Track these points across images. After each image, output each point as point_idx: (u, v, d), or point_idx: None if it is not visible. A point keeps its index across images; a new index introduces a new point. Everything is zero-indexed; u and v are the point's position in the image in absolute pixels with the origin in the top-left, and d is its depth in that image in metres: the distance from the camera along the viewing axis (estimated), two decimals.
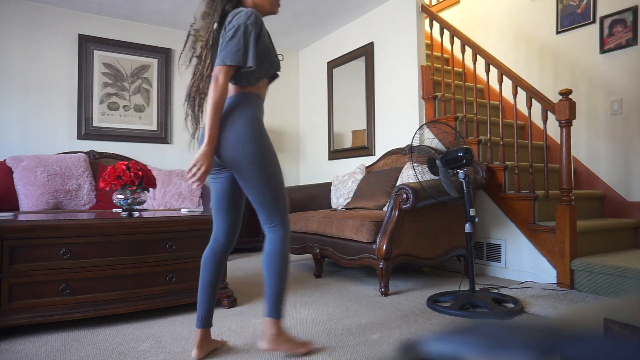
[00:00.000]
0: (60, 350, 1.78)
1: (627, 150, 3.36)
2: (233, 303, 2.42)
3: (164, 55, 4.70)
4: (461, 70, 3.65)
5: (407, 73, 3.94)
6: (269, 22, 4.63)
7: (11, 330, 1.95)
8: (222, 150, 1.62)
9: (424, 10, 3.87)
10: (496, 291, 2.65)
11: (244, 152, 1.59)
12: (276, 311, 1.67)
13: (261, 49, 1.63)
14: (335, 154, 4.90)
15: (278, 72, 1.78)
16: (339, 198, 3.91)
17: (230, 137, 1.60)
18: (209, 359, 1.70)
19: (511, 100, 3.76)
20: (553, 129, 3.66)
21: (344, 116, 4.80)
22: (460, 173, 2.38)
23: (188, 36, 1.75)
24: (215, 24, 1.64)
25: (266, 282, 1.69)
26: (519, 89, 3.12)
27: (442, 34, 3.93)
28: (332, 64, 4.96)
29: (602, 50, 3.50)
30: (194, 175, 1.57)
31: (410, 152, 2.58)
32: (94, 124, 4.34)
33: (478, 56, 3.39)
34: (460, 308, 2.29)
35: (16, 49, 4.03)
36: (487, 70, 3.28)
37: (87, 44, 4.32)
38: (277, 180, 1.66)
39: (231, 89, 1.67)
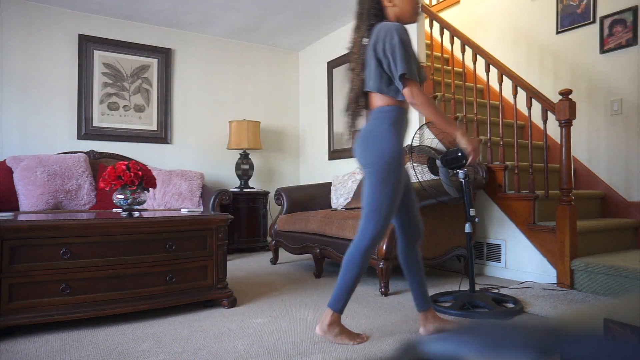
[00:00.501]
0: (60, 350, 1.78)
1: (627, 150, 3.36)
2: (233, 303, 2.42)
3: (164, 55, 4.70)
4: (461, 70, 3.65)
5: None
6: (269, 22, 4.64)
7: (11, 330, 1.94)
8: (356, 148, 1.83)
9: (424, 10, 3.87)
10: (496, 291, 2.65)
11: (369, 156, 1.77)
12: (337, 305, 1.82)
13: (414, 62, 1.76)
14: (335, 154, 4.90)
15: (425, 78, 1.90)
16: (339, 198, 3.91)
17: (363, 140, 1.80)
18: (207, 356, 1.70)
19: (511, 100, 3.75)
20: (553, 129, 3.66)
21: (344, 116, 4.80)
22: (460, 173, 2.38)
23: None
24: (364, 38, 1.81)
25: (339, 277, 1.84)
26: (519, 89, 3.12)
27: (442, 34, 3.93)
28: (332, 64, 4.96)
29: (602, 50, 3.50)
30: (475, 157, 1.77)
31: (410, 152, 2.58)
32: (94, 124, 4.34)
33: (478, 56, 3.39)
34: (460, 308, 2.29)
35: (16, 49, 4.03)
36: (487, 70, 3.28)
37: (87, 44, 4.32)
38: (385, 193, 1.76)
39: (379, 98, 1.80)
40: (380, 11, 1.82)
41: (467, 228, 2.36)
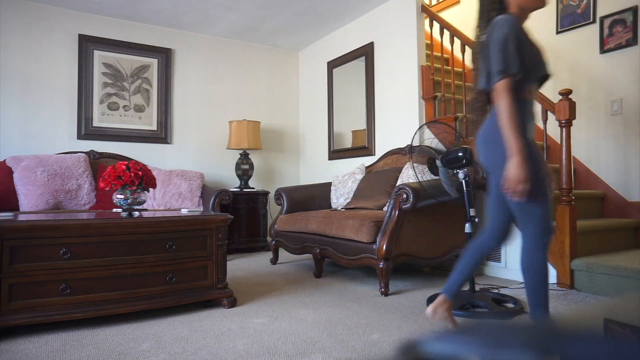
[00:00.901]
0: (60, 350, 1.78)
1: (627, 150, 3.36)
2: (233, 303, 2.42)
3: (164, 55, 4.70)
4: (461, 70, 3.65)
5: (407, 73, 3.93)
6: (269, 22, 4.64)
7: (11, 330, 1.94)
8: (477, 151, 1.77)
9: (424, 10, 3.87)
10: (496, 291, 2.65)
11: (490, 158, 1.71)
12: (538, 310, 1.70)
13: (525, 55, 1.66)
14: (335, 154, 4.90)
15: (548, 73, 1.79)
16: (339, 198, 3.91)
17: (480, 141, 1.74)
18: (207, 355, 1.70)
19: None
20: (553, 129, 3.66)
21: (344, 116, 4.80)
22: (460, 173, 2.38)
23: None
24: (483, 35, 1.76)
25: (528, 289, 1.73)
26: None
27: (442, 34, 3.93)
28: (332, 64, 4.96)
29: (602, 50, 3.50)
30: (515, 191, 1.58)
31: (410, 152, 2.58)
32: (94, 124, 4.34)
33: None
34: (460, 308, 2.29)
35: (16, 49, 4.03)
36: None
37: (87, 44, 4.32)
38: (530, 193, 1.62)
39: (494, 95, 1.71)
40: (500, 4, 1.75)
41: (467, 228, 2.36)
